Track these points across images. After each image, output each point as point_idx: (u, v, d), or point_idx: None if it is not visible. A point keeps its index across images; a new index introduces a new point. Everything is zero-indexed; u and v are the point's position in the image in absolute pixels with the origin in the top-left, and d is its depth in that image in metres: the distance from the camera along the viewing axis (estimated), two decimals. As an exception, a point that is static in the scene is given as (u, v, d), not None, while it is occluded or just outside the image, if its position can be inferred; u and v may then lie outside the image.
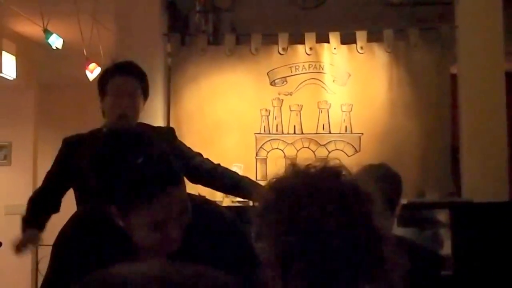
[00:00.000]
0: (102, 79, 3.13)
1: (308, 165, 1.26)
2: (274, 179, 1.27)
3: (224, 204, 4.70)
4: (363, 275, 1.17)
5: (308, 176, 1.24)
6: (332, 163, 1.26)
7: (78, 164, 2.98)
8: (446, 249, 4.28)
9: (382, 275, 1.18)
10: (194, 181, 3.13)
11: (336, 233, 1.16)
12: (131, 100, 3.03)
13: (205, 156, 3.20)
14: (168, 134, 3.19)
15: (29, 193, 8.31)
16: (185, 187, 1.70)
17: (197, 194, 2.07)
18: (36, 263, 7.47)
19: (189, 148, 3.21)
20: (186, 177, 2.40)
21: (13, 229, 7.64)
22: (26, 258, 7.47)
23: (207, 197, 2.00)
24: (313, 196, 1.19)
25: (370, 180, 1.26)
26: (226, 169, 3.22)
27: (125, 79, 3.05)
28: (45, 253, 3.01)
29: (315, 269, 1.15)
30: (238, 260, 1.73)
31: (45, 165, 9.21)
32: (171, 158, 1.68)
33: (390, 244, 1.21)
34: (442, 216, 4.43)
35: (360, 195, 1.22)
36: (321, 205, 1.18)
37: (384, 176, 2.39)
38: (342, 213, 1.18)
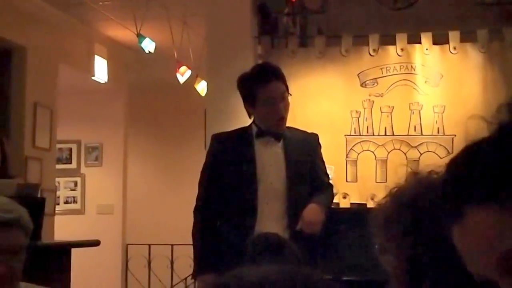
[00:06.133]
0: (252, 82, 3.27)
1: (430, 171, 1.19)
2: (395, 189, 1.22)
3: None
4: None
5: (430, 184, 1.16)
6: None
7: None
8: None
9: None
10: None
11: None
12: (285, 104, 3.25)
13: None
14: (313, 139, 3.40)
15: (119, 192, 8.54)
16: None
17: None
18: (126, 261, 7.66)
19: (324, 162, 3.41)
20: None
21: (104, 228, 7.88)
22: (117, 257, 7.69)
23: None
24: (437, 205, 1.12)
25: None
26: (324, 195, 3.33)
27: (277, 84, 3.24)
28: (133, 253, 3.09)
29: (447, 283, 1.08)
30: None
31: (135, 165, 9.43)
32: None
33: None
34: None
35: None
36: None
37: None
38: None
